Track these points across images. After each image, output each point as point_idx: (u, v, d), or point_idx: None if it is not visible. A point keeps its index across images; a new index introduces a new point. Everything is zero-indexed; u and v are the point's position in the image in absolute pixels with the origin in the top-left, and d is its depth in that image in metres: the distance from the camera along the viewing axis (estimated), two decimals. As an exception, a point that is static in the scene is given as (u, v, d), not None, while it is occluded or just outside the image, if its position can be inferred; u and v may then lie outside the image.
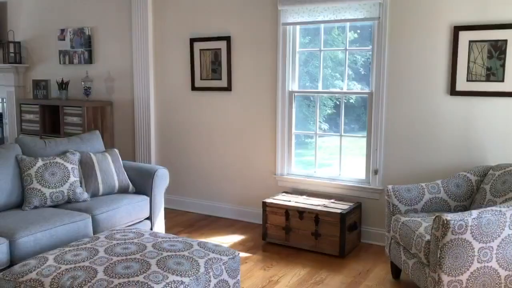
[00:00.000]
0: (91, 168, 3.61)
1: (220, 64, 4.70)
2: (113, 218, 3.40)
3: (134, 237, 2.75)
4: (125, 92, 5.32)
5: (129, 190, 3.78)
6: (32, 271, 2.34)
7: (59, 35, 5.70)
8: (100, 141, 4.01)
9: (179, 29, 4.92)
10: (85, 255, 2.48)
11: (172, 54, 5.00)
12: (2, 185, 3.22)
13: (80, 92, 5.55)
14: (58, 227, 3.01)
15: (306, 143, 4.57)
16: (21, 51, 6.09)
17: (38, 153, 3.55)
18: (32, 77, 6.04)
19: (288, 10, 4.26)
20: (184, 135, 5.04)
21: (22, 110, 5.69)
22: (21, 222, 2.94)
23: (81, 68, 5.58)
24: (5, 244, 2.72)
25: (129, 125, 5.33)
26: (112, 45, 5.35)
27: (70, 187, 3.40)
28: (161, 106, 5.14)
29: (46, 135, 5.46)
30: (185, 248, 2.60)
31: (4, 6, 6.21)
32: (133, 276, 2.26)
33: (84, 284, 2.21)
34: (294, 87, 4.43)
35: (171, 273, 2.32)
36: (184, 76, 4.95)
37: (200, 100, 4.89)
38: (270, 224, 4.05)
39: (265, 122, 4.53)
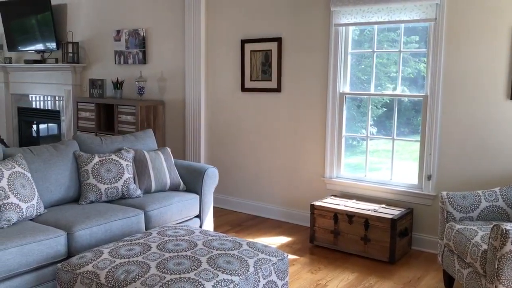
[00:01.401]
0: (145, 165, 3.70)
1: (271, 65, 4.71)
2: (165, 215, 3.47)
3: (185, 234, 2.80)
4: (176, 92, 5.43)
5: (180, 188, 3.85)
6: (89, 264, 2.43)
7: (115, 36, 5.88)
8: (153, 139, 4.11)
9: (230, 30, 4.97)
10: (138, 250, 2.55)
11: (223, 55, 5.06)
12: (60, 180, 3.36)
13: (134, 91, 5.71)
14: (113, 222, 3.11)
15: (352, 146, 4.50)
16: (79, 51, 6.33)
17: (94, 149, 3.68)
18: (88, 76, 6.27)
19: (341, 11, 4.22)
20: (233, 135, 5.09)
21: (79, 108, 5.92)
22: (78, 216, 3.05)
23: (135, 68, 5.75)
24: (64, 237, 2.83)
25: (179, 124, 5.44)
26: (165, 46, 5.48)
27: (124, 183, 3.50)
28: (211, 106, 5.21)
29: (101, 133, 5.66)
30: (234, 247, 2.62)
31: (64, 8, 6.48)
32: (184, 273, 2.29)
33: (137, 279, 2.27)
34: (345, 89, 4.38)
35: (221, 272, 2.34)
36: (234, 77, 5.00)
37: (250, 101, 4.92)
38: (318, 227, 4.02)
39: (315, 123, 4.50)
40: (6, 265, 2.52)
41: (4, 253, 2.51)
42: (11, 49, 6.97)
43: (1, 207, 2.78)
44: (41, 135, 7.44)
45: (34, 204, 3.00)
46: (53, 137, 7.13)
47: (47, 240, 2.73)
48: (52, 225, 2.93)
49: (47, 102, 6.96)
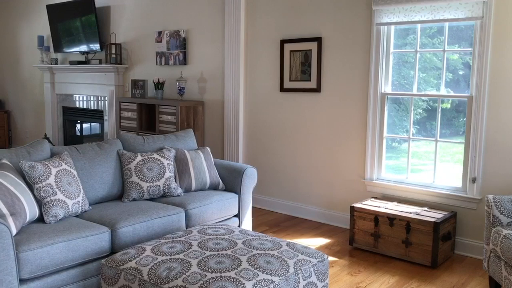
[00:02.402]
0: (185, 164, 3.75)
1: (310, 65, 4.68)
2: (205, 214, 3.50)
3: (225, 233, 2.82)
4: (216, 93, 5.48)
5: (219, 187, 3.88)
6: (132, 260, 2.48)
7: (157, 38, 5.99)
8: (193, 139, 4.16)
9: (270, 30, 4.97)
10: (180, 247, 2.58)
11: (262, 55, 5.07)
12: (105, 178, 3.45)
13: (174, 91, 5.80)
14: (155, 219, 3.16)
15: (392, 147, 4.41)
16: (122, 53, 6.49)
17: (137, 148, 3.76)
18: (131, 77, 6.41)
19: (383, 10, 4.15)
20: (271, 135, 5.09)
21: (121, 108, 6.06)
22: (122, 213, 3.12)
23: (176, 69, 5.84)
24: (108, 233, 2.91)
25: (218, 124, 5.49)
26: (205, 46, 5.54)
27: (165, 182, 3.56)
28: (250, 107, 5.23)
29: (142, 132, 5.77)
30: (274, 248, 2.61)
31: (107, 10, 6.65)
32: (225, 272, 2.31)
33: (179, 276, 2.30)
34: (386, 89, 4.30)
35: (261, 271, 2.34)
36: (273, 77, 5.00)
37: (289, 101, 4.91)
38: (357, 229, 3.96)
39: (355, 124, 4.44)
40: (54, 260, 2.60)
41: (52, 248, 2.60)
42: (57, 50, 7.22)
43: (49, 203, 2.88)
44: (84, 134, 7.66)
45: (80, 201, 3.09)
46: (95, 136, 7.33)
47: (92, 236, 2.80)
48: (96, 222, 3.01)
49: (91, 102, 7.16)
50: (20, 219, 2.65)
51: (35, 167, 2.91)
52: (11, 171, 2.83)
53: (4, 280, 2.39)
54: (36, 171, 2.90)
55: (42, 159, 3.13)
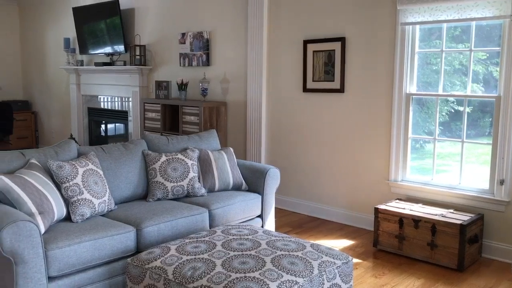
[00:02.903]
0: (209, 165, 3.77)
1: (334, 66, 4.66)
2: (228, 214, 3.52)
3: (248, 233, 2.83)
4: (238, 93, 5.49)
5: (242, 187, 3.89)
6: (157, 259, 2.51)
7: (180, 39, 6.04)
8: (216, 139, 4.18)
9: (293, 31, 4.96)
10: (204, 247, 2.60)
11: (285, 56, 5.06)
12: (130, 178, 3.49)
13: (197, 92, 5.84)
14: (179, 219, 3.19)
15: (415, 148, 4.35)
16: (146, 54, 6.56)
17: (161, 149, 3.80)
18: (155, 78, 6.48)
19: (408, 10, 4.10)
20: (294, 136, 5.08)
21: (146, 108, 6.13)
22: (147, 212, 3.16)
23: (199, 70, 5.88)
24: (133, 232, 2.94)
25: (241, 125, 5.50)
26: (228, 48, 5.56)
27: (189, 182, 3.59)
28: (273, 107, 5.23)
29: (166, 133, 5.83)
30: (298, 249, 2.61)
31: (132, 12, 6.74)
32: (249, 272, 2.31)
33: (203, 276, 2.31)
34: (411, 90, 4.25)
35: (285, 272, 2.34)
36: (296, 78, 4.99)
37: (312, 102, 4.89)
38: (382, 231, 3.92)
39: (379, 125, 4.40)
40: (81, 258, 2.65)
41: (79, 247, 2.64)
42: (83, 52, 7.34)
43: (76, 202, 2.93)
44: (109, 134, 7.78)
45: (106, 200, 3.13)
46: (120, 137, 7.43)
47: (118, 235, 2.84)
48: (122, 221, 3.05)
49: (115, 103, 7.27)
50: (48, 218, 2.71)
51: (62, 167, 2.97)
52: (39, 171, 2.90)
53: (34, 277, 2.45)
54: (64, 170, 2.95)
55: (69, 159, 3.19)
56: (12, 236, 2.35)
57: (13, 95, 9.02)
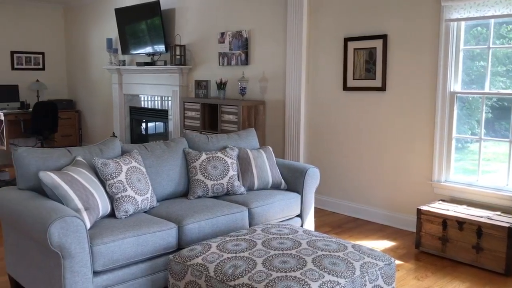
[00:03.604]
0: (248, 163, 3.79)
1: (375, 64, 4.58)
2: (267, 213, 3.52)
3: (288, 233, 2.82)
4: (277, 92, 5.49)
5: (281, 186, 3.88)
6: (198, 256, 2.53)
7: (219, 38, 6.09)
8: (255, 138, 4.19)
9: (333, 29, 4.91)
10: (245, 246, 2.60)
11: (324, 54, 5.01)
12: (172, 175, 3.55)
13: (236, 91, 5.87)
14: (219, 217, 3.21)
15: (457, 148, 4.21)
16: (186, 54, 6.65)
17: (201, 147, 3.83)
18: (194, 77, 6.56)
19: (453, 6, 3.98)
20: (333, 135, 5.03)
21: (185, 107, 6.21)
22: (188, 210, 3.20)
23: (238, 69, 5.90)
24: (175, 229, 2.98)
25: (279, 123, 5.49)
26: (267, 46, 5.56)
27: (229, 180, 3.61)
28: (312, 106, 5.19)
29: (205, 131, 5.89)
30: (339, 249, 2.58)
31: (172, 13, 6.84)
32: (290, 271, 2.30)
33: (244, 274, 2.32)
34: (456, 88, 4.13)
35: (327, 273, 2.32)
36: (336, 76, 4.94)
37: (352, 100, 4.82)
38: (424, 232, 3.83)
39: (422, 124, 4.30)
40: (125, 254, 2.71)
41: (123, 242, 2.70)
42: (125, 52, 7.51)
43: (120, 199, 3.00)
44: (149, 132, 7.93)
45: (148, 197, 3.19)
46: (160, 135, 7.57)
47: (160, 232, 2.89)
48: (164, 218, 3.10)
49: (155, 102, 7.40)
50: (93, 214, 2.78)
51: (107, 164, 3.04)
52: (85, 168, 2.98)
53: (80, 272, 2.52)
54: (108, 168, 3.03)
55: (113, 157, 3.26)
56: (60, 231, 2.43)
57: (58, 95, 9.34)
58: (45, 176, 2.74)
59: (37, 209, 2.58)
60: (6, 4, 8.59)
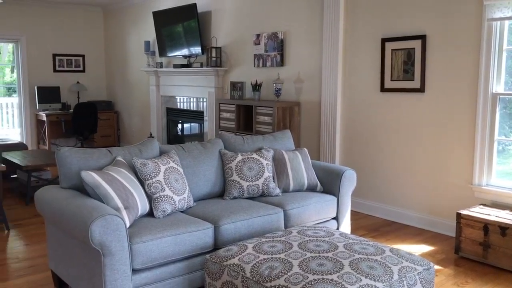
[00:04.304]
0: (283, 165, 3.78)
1: (413, 64, 4.50)
2: (303, 215, 3.51)
3: (325, 235, 2.80)
4: (312, 93, 5.46)
5: (317, 188, 3.86)
6: (235, 257, 2.55)
7: (255, 40, 6.11)
8: (290, 140, 4.18)
9: (370, 29, 4.85)
10: (281, 247, 2.61)
11: (361, 55, 4.96)
12: (208, 176, 3.58)
13: (271, 93, 5.88)
14: (255, 218, 3.22)
15: (499, 151, 4.08)
16: (221, 56, 6.70)
17: (237, 148, 3.86)
18: (229, 79, 6.61)
19: (496, 5, 3.87)
20: (370, 136, 4.96)
21: (221, 109, 6.26)
22: (224, 210, 3.22)
23: (273, 70, 5.91)
24: (211, 229, 3.01)
25: (315, 125, 5.46)
26: (302, 47, 5.54)
27: (264, 181, 3.62)
28: (348, 107, 5.14)
29: (240, 132, 5.92)
30: (377, 253, 2.54)
31: (208, 15, 6.91)
32: (326, 274, 2.29)
33: (281, 275, 2.32)
34: (498, 89, 4.01)
35: (364, 276, 2.29)
36: (373, 77, 4.87)
37: (389, 102, 4.75)
38: (464, 237, 3.73)
39: (462, 126, 4.19)
40: (163, 252, 2.75)
41: (161, 241, 2.75)
42: (162, 54, 7.64)
43: (158, 199, 3.05)
44: (185, 133, 8.04)
45: (185, 197, 3.24)
46: (195, 136, 7.66)
47: (197, 231, 2.92)
48: (200, 218, 3.14)
49: (191, 103, 7.49)
50: (133, 213, 2.84)
51: (146, 164, 3.10)
52: (125, 168, 3.05)
53: (120, 269, 2.58)
54: (147, 168, 3.09)
55: (152, 157, 3.33)
56: (101, 229, 2.49)
57: (98, 96, 9.58)
58: (86, 176, 2.82)
59: (79, 207, 2.66)
60: (48, 8, 8.88)
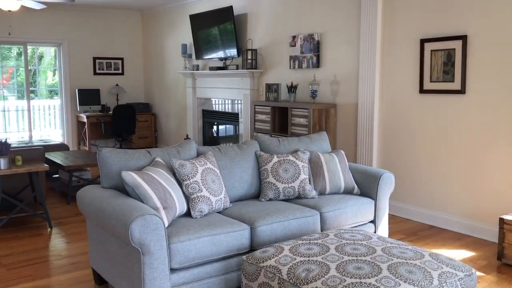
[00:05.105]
0: (320, 167, 3.76)
1: (454, 65, 4.39)
2: (339, 218, 3.47)
3: (362, 238, 2.77)
4: (349, 95, 5.41)
5: (354, 191, 3.82)
6: (271, 258, 2.56)
7: (291, 42, 6.11)
8: (327, 142, 4.16)
9: (408, 30, 4.77)
10: (317, 250, 2.59)
11: (399, 56, 4.88)
12: (244, 177, 3.60)
13: (307, 94, 5.86)
14: (291, 220, 3.21)
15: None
16: (257, 58, 6.73)
17: (272, 150, 3.86)
18: (265, 81, 6.62)
19: (542, 2, 3.73)
20: (408, 139, 4.87)
21: (256, 110, 6.28)
22: (260, 212, 3.23)
23: (309, 72, 5.89)
24: (248, 230, 3.03)
25: (351, 127, 5.41)
26: (339, 49, 5.50)
27: (300, 183, 3.61)
28: (385, 109, 5.06)
29: (275, 134, 5.92)
30: (416, 257, 2.50)
31: (244, 17, 6.96)
32: (364, 278, 2.26)
33: (318, 278, 2.31)
34: (544, 90, 3.86)
35: (403, 281, 2.25)
36: (411, 79, 4.78)
37: (428, 103, 4.65)
38: (508, 243, 3.61)
39: (505, 128, 4.05)
40: (200, 252, 2.79)
41: (199, 241, 2.78)
42: (198, 57, 7.73)
43: (195, 199, 3.09)
44: (220, 135, 8.11)
45: (222, 198, 3.27)
46: (230, 138, 7.71)
47: (234, 232, 2.94)
48: (237, 219, 3.15)
49: (226, 105, 7.55)
50: (171, 213, 2.89)
51: (184, 165, 3.15)
52: (163, 168, 3.10)
53: (158, 268, 2.63)
54: (185, 169, 3.13)
55: (189, 158, 3.37)
56: (140, 228, 2.54)
57: (136, 98, 9.79)
58: (127, 176, 2.89)
59: (120, 207, 2.72)
60: (89, 13, 9.14)
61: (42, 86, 9.39)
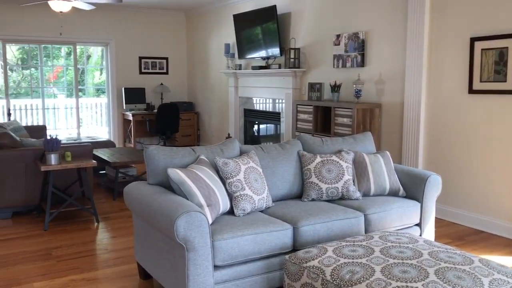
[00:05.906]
0: (364, 168, 3.70)
1: (506, 65, 4.22)
2: (384, 220, 3.41)
3: (408, 242, 2.70)
4: (395, 95, 5.30)
5: (399, 193, 3.74)
6: (314, 259, 2.53)
7: (335, 40, 6.04)
8: (371, 142, 4.09)
9: (457, 28, 4.62)
10: (362, 252, 2.55)
11: (448, 54, 4.73)
12: (286, 177, 3.59)
13: (351, 94, 5.78)
14: (334, 221, 3.18)
15: None
16: (300, 57, 6.70)
17: (315, 150, 3.83)
18: (307, 80, 6.58)
19: None
20: (457, 140, 4.72)
21: (298, 110, 6.26)
22: (302, 212, 3.22)
23: (353, 71, 5.81)
24: (290, 230, 3.02)
25: (396, 127, 5.29)
26: (385, 48, 5.40)
27: (344, 184, 3.56)
28: (432, 109, 4.93)
29: (318, 134, 5.87)
30: (464, 262, 2.42)
31: (288, 17, 6.94)
32: (410, 282, 2.21)
33: (362, 280, 2.27)
34: None
35: (451, 286, 2.18)
36: (460, 78, 4.63)
37: (478, 104, 4.49)
38: None
39: (562, 131, 3.87)
40: (243, 251, 2.80)
41: (241, 239, 2.80)
42: (241, 56, 7.78)
43: (238, 197, 3.11)
44: (261, 134, 8.13)
45: (264, 197, 3.27)
46: (271, 137, 7.71)
47: (276, 231, 2.94)
48: (279, 218, 3.15)
49: (267, 105, 7.55)
50: (215, 210, 2.92)
51: (227, 163, 3.17)
52: (207, 166, 3.14)
53: (202, 265, 2.66)
54: (228, 167, 3.16)
55: (233, 157, 3.40)
56: (185, 225, 2.58)
57: (180, 97, 9.95)
58: (172, 173, 2.94)
59: (165, 203, 2.77)
60: (135, 13, 9.36)
61: (89, 85, 9.70)
